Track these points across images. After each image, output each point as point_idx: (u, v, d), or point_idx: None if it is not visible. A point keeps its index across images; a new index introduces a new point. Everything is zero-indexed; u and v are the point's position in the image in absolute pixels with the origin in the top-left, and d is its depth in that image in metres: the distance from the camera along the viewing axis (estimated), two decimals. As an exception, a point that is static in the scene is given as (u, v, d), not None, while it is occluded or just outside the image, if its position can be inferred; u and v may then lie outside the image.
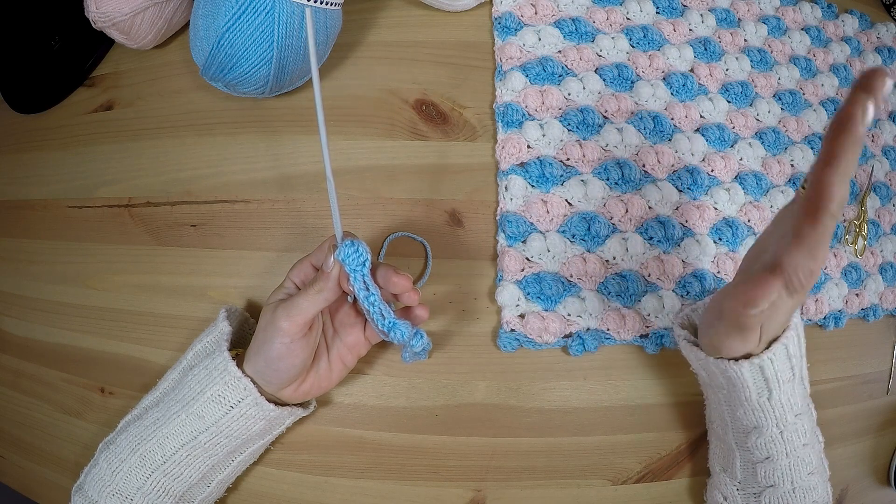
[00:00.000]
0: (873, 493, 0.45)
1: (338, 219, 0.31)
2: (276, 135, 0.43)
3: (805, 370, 0.34)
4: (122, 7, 0.41)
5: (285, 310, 0.32)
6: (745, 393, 0.32)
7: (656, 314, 0.40)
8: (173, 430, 0.33)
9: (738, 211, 0.43)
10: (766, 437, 0.33)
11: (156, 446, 0.33)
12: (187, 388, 0.34)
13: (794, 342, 0.32)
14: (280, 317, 0.31)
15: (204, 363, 0.34)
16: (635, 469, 0.40)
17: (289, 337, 0.32)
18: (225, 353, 0.34)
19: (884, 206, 0.48)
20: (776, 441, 0.33)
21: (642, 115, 0.43)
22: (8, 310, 0.47)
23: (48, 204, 0.47)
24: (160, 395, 0.36)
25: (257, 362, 0.33)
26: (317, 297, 0.32)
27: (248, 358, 0.34)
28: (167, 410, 0.34)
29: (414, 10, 0.46)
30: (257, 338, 0.33)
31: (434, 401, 0.40)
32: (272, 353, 0.32)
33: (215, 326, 0.37)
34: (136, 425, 0.35)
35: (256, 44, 0.36)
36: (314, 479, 0.39)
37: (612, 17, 0.46)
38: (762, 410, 0.32)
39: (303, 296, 0.32)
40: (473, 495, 0.39)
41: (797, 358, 0.32)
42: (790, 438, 0.33)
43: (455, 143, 0.43)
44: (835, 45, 0.52)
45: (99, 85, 0.48)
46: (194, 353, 0.37)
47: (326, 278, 0.32)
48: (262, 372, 0.33)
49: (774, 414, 0.32)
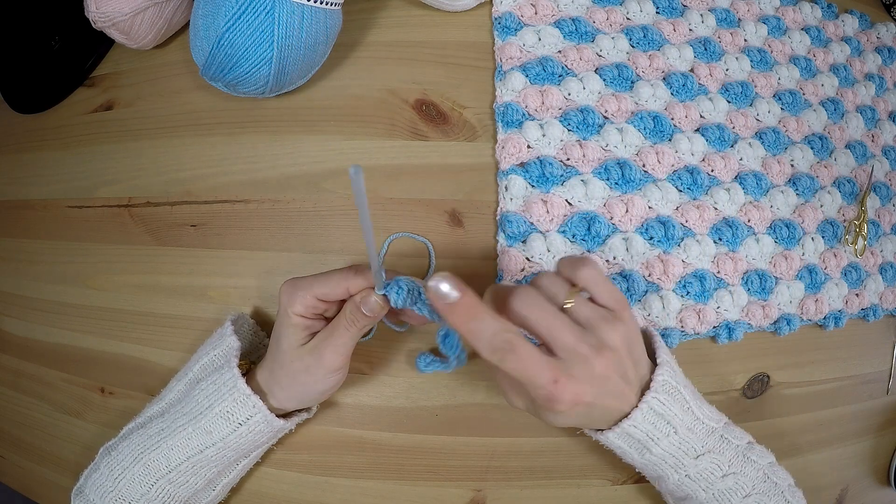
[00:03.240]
0: (873, 493, 0.45)
1: (377, 262, 0.29)
2: (276, 135, 0.43)
3: (698, 402, 0.33)
4: (122, 7, 0.41)
5: (330, 346, 0.32)
6: (628, 457, 0.33)
7: (657, 314, 0.40)
8: (179, 442, 0.33)
9: (738, 211, 0.43)
10: (671, 483, 0.32)
11: (160, 456, 0.33)
12: (195, 401, 0.34)
13: (662, 396, 0.30)
14: (325, 351, 0.32)
15: (212, 377, 0.34)
16: (635, 469, 0.40)
17: (339, 372, 0.33)
18: (234, 369, 0.33)
19: (884, 206, 0.48)
20: (685, 484, 0.32)
21: (642, 115, 0.43)
22: (8, 310, 0.47)
23: (48, 204, 0.47)
24: (165, 405, 0.36)
25: (289, 395, 0.34)
26: (359, 331, 0.32)
27: (271, 392, 0.34)
28: (173, 422, 0.34)
29: (414, 10, 0.46)
30: (289, 372, 0.33)
31: (434, 401, 0.40)
32: (320, 387, 0.33)
33: (223, 339, 0.36)
34: (140, 434, 0.34)
35: (256, 44, 0.36)
36: (314, 479, 0.39)
37: (612, 17, 0.46)
38: (653, 465, 0.32)
39: (342, 333, 0.32)
40: (473, 495, 0.39)
41: (675, 406, 0.31)
42: (701, 477, 0.32)
43: (455, 143, 0.43)
44: (835, 45, 0.52)
45: (99, 85, 0.48)
46: (201, 365, 0.36)
47: (370, 320, 0.31)
48: (289, 399, 0.34)
49: (667, 463, 0.32)
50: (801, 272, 0.43)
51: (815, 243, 0.44)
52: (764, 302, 0.42)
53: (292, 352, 0.33)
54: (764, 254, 0.43)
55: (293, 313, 0.32)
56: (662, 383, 0.31)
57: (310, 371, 0.32)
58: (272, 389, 0.34)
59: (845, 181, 0.47)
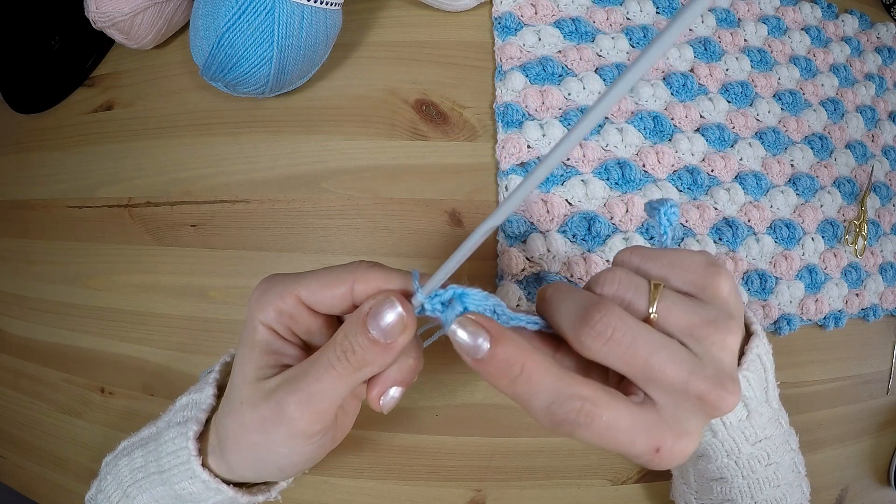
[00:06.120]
0: (873, 493, 0.45)
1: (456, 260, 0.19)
2: (276, 135, 0.43)
3: (774, 382, 0.28)
4: (122, 7, 0.41)
5: (298, 393, 0.20)
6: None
7: (656, 314, 0.40)
8: (160, 495, 0.26)
9: (738, 211, 0.43)
10: (716, 464, 0.28)
11: (150, 500, 0.27)
12: (164, 459, 0.26)
13: (752, 375, 0.25)
14: (287, 404, 0.20)
15: (175, 440, 0.25)
16: (635, 469, 0.40)
17: (315, 438, 0.21)
18: (189, 443, 0.25)
19: (884, 206, 0.48)
20: (728, 467, 0.28)
21: (642, 115, 0.43)
22: (8, 310, 0.47)
23: (48, 204, 0.47)
24: (156, 431, 0.28)
25: (242, 460, 0.23)
26: (355, 374, 0.20)
27: (223, 448, 0.24)
28: (148, 472, 0.26)
29: (414, 10, 0.46)
30: (239, 424, 0.22)
31: (434, 401, 0.40)
32: (280, 459, 0.22)
33: (202, 389, 0.27)
34: (127, 466, 0.28)
35: (256, 44, 0.36)
36: (314, 478, 0.39)
37: (612, 17, 0.46)
38: (705, 446, 0.28)
39: (322, 373, 0.20)
40: (473, 495, 0.39)
41: (757, 388, 0.26)
42: (748, 465, 0.28)
43: (455, 143, 0.43)
44: (835, 45, 0.52)
45: (99, 85, 0.48)
46: (181, 404, 0.28)
47: (378, 353, 0.20)
48: (243, 466, 0.23)
49: (724, 447, 0.27)
50: (801, 272, 0.43)
51: (815, 243, 0.44)
52: (764, 302, 0.42)
53: (246, 387, 0.22)
54: (764, 254, 0.43)
55: (260, 322, 0.22)
56: (753, 360, 0.24)
57: (265, 429, 0.21)
58: (224, 445, 0.23)
59: (845, 181, 0.47)
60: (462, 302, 0.20)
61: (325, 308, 0.21)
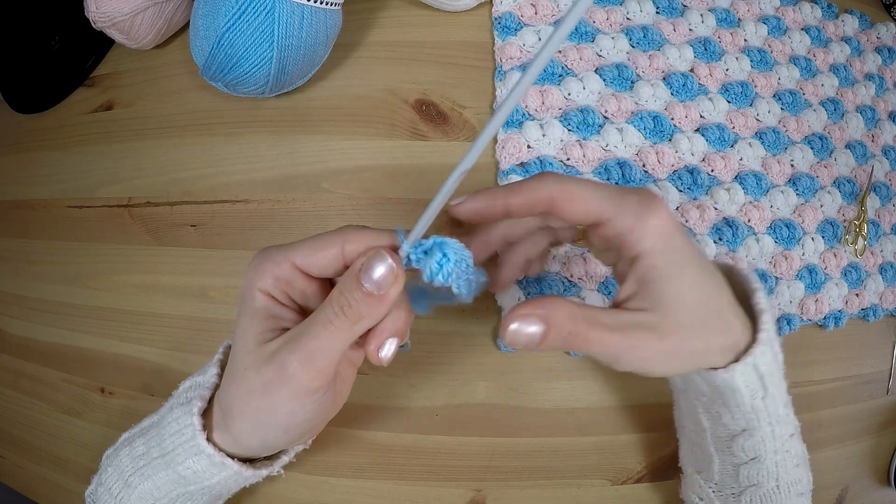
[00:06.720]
0: (873, 493, 0.45)
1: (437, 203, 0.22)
2: (276, 135, 0.43)
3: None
4: (122, 7, 0.41)
5: (298, 351, 0.21)
6: (738, 398, 0.28)
7: (656, 314, 0.40)
8: (162, 482, 0.27)
9: (738, 211, 0.43)
10: (756, 439, 0.29)
11: (152, 488, 0.28)
12: (168, 440, 0.27)
13: (771, 324, 0.27)
14: (289, 362, 0.21)
15: (179, 419, 0.26)
16: (635, 469, 0.40)
17: (317, 395, 0.22)
18: (194, 419, 0.26)
19: (884, 206, 0.48)
20: (766, 440, 0.29)
21: (642, 115, 0.43)
22: (8, 310, 0.47)
23: (48, 204, 0.47)
24: (158, 418, 0.30)
25: (248, 428, 0.24)
26: (352, 328, 0.21)
27: (228, 421, 0.25)
28: (150, 458, 0.27)
29: (414, 10, 0.46)
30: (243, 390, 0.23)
31: (434, 401, 0.40)
32: (284, 419, 0.23)
33: (206, 370, 0.29)
34: (128, 455, 0.29)
35: (256, 44, 0.36)
36: (313, 478, 0.39)
37: (612, 17, 0.46)
38: (754, 412, 0.28)
39: (320, 329, 0.21)
40: (473, 495, 0.39)
41: (777, 341, 0.28)
42: (781, 433, 0.29)
43: (455, 143, 0.43)
44: (835, 45, 0.52)
45: (99, 85, 0.48)
46: (184, 387, 0.30)
47: (372, 305, 0.21)
48: (248, 434, 0.24)
49: (768, 412, 0.28)
50: (801, 272, 0.43)
51: (815, 243, 0.44)
52: (764, 302, 0.42)
53: (247, 355, 0.23)
54: (764, 254, 0.43)
55: (258, 290, 0.23)
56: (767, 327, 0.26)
57: (269, 392, 0.22)
58: (228, 418, 0.24)
59: (845, 181, 0.47)
60: (441, 249, 0.22)
61: (318, 270, 0.23)
